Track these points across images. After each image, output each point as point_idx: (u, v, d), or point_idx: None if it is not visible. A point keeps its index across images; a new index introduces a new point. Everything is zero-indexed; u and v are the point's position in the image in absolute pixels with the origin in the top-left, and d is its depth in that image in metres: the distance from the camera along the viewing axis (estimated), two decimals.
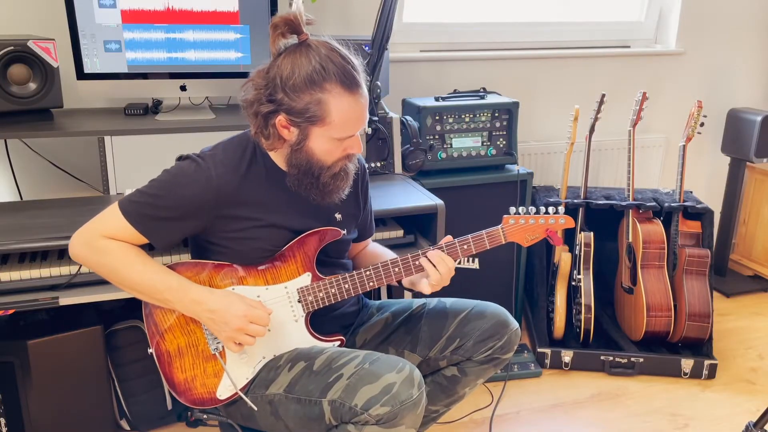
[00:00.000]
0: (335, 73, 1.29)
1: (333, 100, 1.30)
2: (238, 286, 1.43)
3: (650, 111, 3.03)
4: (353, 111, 1.33)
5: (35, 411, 1.86)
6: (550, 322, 2.61)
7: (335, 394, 1.31)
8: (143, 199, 1.35)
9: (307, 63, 1.29)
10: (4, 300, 1.64)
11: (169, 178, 1.36)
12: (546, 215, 1.52)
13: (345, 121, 1.33)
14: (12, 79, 1.94)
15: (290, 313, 1.46)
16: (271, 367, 1.44)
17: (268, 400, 1.41)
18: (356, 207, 1.58)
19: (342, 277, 1.46)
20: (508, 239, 1.52)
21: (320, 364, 1.37)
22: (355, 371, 1.32)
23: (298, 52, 1.31)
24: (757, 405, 2.32)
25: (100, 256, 1.36)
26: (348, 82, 1.30)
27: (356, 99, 1.32)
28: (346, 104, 1.31)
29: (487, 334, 1.53)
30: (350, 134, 1.36)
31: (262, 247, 1.43)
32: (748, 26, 3.22)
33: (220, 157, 1.38)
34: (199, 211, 1.36)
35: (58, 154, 2.21)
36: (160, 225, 1.36)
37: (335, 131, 1.33)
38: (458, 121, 2.44)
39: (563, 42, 3.00)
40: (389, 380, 1.28)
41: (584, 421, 2.23)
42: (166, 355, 1.45)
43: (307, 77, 1.29)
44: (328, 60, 1.29)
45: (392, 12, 1.99)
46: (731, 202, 3.19)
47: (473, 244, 1.50)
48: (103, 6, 1.98)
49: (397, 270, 1.47)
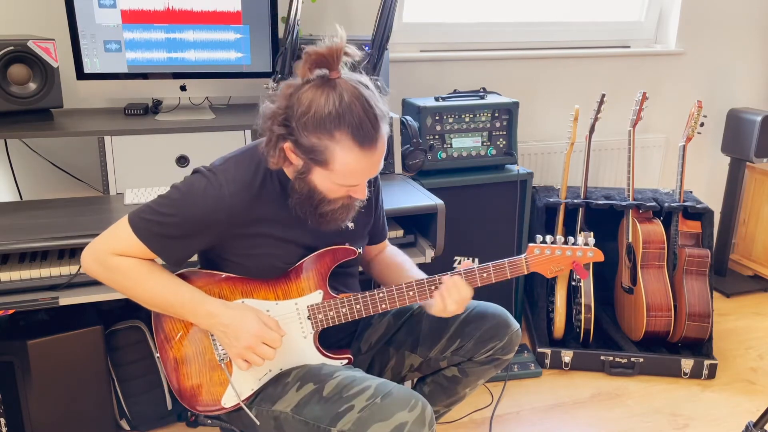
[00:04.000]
0: (350, 124, 1.21)
1: (340, 151, 1.23)
2: (248, 299, 1.42)
3: (650, 111, 3.03)
4: (359, 165, 1.25)
5: (35, 411, 1.86)
6: (550, 322, 2.61)
7: (345, 425, 1.29)
8: (154, 218, 1.32)
9: (325, 105, 1.21)
10: (4, 300, 1.64)
11: (179, 197, 1.33)
12: (574, 246, 1.45)
13: (348, 173, 1.27)
14: (12, 79, 1.94)
15: (299, 329, 1.44)
16: (279, 382, 1.42)
17: (273, 415, 1.40)
18: (368, 214, 1.55)
19: (354, 297, 1.43)
20: (531, 269, 1.46)
21: (330, 390, 1.35)
22: (367, 405, 1.29)
23: (321, 89, 1.23)
24: (757, 405, 2.32)
25: (111, 273, 1.35)
26: (361, 136, 1.22)
27: (365, 154, 1.24)
28: (353, 158, 1.24)
29: (488, 334, 1.53)
30: (353, 184, 1.31)
31: (273, 264, 1.41)
32: (748, 26, 3.22)
33: (233, 173, 1.33)
34: (210, 229, 1.33)
35: (58, 154, 2.21)
36: (171, 243, 1.34)
37: (337, 178, 1.28)
38: (458, 121, 2.44)
39: (563, 42, 3.00)
40: (401, 419, 1.26)
41: (584, 421, 2.23)
42: (173, 362, 1.44)
43: (320, 120, 1.22)
44: (347, 108, 1.21)
45: (392, 12, 1.99)
46: (731, 202, 3.19)
47: (493, 273, 1.45)
48: (103, 6, 1.98)
49: (412, 294, 1.44)
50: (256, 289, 1.42)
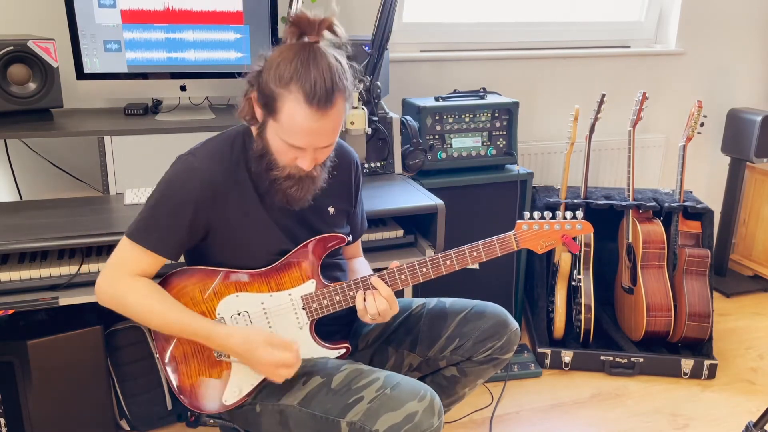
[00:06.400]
0: (306, 81, 1.23)
1: (288, 102, 1.25)
2: (242, 292, 1.43)
3: (650, 111, 3.03)
4: (305, 123, 1.26)
5: (35, 411, 1.86)
6: (550, 322, 2.61)
7: (355, 416, 1.31)
8: (143, 215, 1.37)
9: (292, 61, 1.25)
10: (4, 300, 1.64)
11: (162, 186, 1.37)
12: (562, 220, 1.46)
13: (292, 129, 1.28)
14: (12, 79, 1.94)
15: (295, 320, 1.45)
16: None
17: (279, 409, 1.40)
18: (348, 202, 1.57)
19: (347, 285, 1.45)
20: (521, 246, 1.47)
21: (339, 383, 1.36)
22: (377, 396, 1.31)
23: (294, 48, 1.28)
24: (757, 405, 2.32)
25: (122, 297, 1.37)
26: (311, 95, 1.24)
27: (313, 115, 1.25)
28: (300, 114, 1.25)
29: (486, 334, 1.53)
30: (297, 145, 1.30)
31: (259, 250, 1.42)
32: (748, 26, 3.22)
33: (207, 148, 1.39)
34: (197, 208, 1.35)
35: (58, 154, 2.21)
36: (165, 234, 1.36)
37: (283, 133, 1.29)
38: (458, 121, 2.44)
39: (563, 42, 3.00)
40: (411, 408, 1.28)
41: (584, 421, 2.23)
42: (172, 361, 1.45)
43: (283, 72, 1.26)
44: (309, 68, 1.24)
45: (392, 12, 1.99)
46: (731, 202, 3.19)
47: (483, 250, 1.46)
48: (103, 6, 1.98)
49: (404, 277, 1.46)
50: (249, 282, 1.43)
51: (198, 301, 1.42)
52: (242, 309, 1.43)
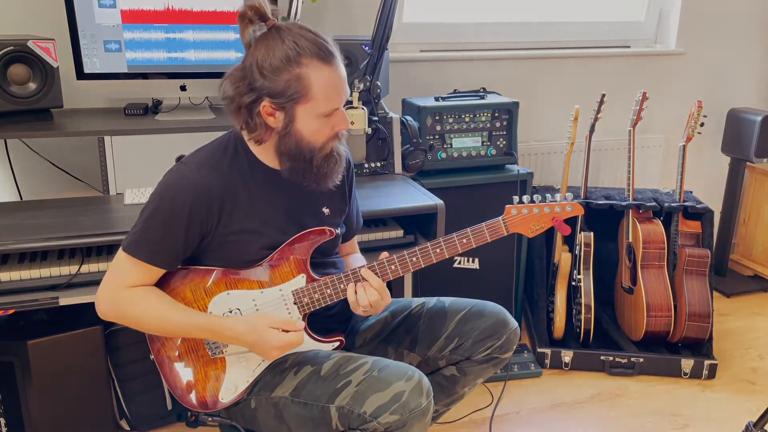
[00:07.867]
0: (309, 47, 1.29)
1: (312, 73, 1.29)
2: (233, 290, 1.42)
3: (650, 111, 3.03)
4: (333, 81, 1.32)
5: (35, 411, 1.86)
6: (550, 322, 2.61)
7: (343, 401, 1.31)
8: (138, 227, 1.36)
9: (281, 43, 1.29)
10: (4, 300, 1.64)
11: (156, 197, 1.36)
12: (552, 203, 1.46)
13: (327, 94, 1.32)
14: (12, 79, 1.94)
15: (287, 315, 1.45)
16: (276, 369, 1.43)
17: (273, 402, 1.41)
18: (343, 201, 1.57)
19: (337, 278, 1.45)
20: (510, 230, 1.47)
21: (328, 370, 1.37)
22: (364, 378, 1.32)
23: (269, 36, 1.31)
24: (757, 405, 2.32)
25: (123, 308, 1.38)
26: (323, 54, 1.30)
27: (334, 70, 1.32)
28: (326, 76, 1.31)
29: (486, 333, 1.53)
30: (334, 107, 1.34)
31: (252, 250, 1.42)
32: (748, 26, 3.22)
33: (198, 157, 1.39)
34: (191, 216, 1.34)
35: (58, 154, 2.21)
36: (160, 246, 1.35)
37: (320, 106, 1.32)
38: (458, 121, 2.44)
39: (563, 42, 3.00)
40: (398, 388, 1.28)
41: (584, 421, 2.23)
42: (168, 361, 1.45)
43: (283, 56, 1.28)
44: (299, 37, 1.29)
45: (392, 12, 1.99)
46: (731, 202, 3.19)
47: (473, 237, 1.46)
48: (103, 6, 1.98)
49: (394, 268, 1.46)
50: (239, 280, 1.43)
51: (189, 301, 1.42)
52: (233, 307, 1.43)
